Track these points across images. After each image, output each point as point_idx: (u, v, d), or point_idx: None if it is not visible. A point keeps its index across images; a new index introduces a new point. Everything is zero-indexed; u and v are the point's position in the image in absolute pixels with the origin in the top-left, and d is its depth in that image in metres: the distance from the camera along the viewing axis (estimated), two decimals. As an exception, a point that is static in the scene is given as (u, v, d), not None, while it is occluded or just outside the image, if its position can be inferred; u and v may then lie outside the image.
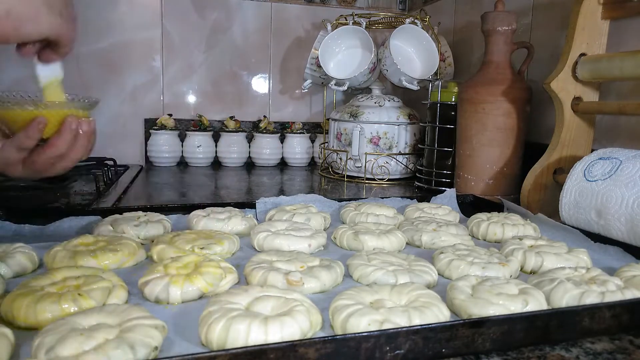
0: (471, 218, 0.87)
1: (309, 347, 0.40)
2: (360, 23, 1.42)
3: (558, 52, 0.99)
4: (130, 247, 0.66)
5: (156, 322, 0.44)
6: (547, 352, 0.46)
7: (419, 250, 0.76)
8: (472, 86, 1.11)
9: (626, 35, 0.95)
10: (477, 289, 0.53)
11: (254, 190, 1.27)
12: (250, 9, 1.70)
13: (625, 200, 0.72)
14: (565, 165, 0.96)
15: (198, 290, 0.54)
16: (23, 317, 0.46)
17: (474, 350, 0.45)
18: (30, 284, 0.51)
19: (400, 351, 0.42)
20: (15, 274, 0.60)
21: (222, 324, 0.43)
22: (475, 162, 1.12)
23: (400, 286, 0.52)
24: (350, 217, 0.89)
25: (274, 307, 0.47)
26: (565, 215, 0.83)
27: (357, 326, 0.45)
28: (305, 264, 0.60)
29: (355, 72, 1.38)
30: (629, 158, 0.76)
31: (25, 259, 0.61)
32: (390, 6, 1.85)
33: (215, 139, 1.65)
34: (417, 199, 1.03)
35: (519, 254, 0.68)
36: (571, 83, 0.95)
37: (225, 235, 0.72)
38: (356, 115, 1.38)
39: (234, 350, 0.38)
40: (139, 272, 0.61)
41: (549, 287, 0.55)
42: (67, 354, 0.38)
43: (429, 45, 1.39)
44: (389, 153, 1.37)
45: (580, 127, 0.97)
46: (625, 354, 0.46)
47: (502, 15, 1.09)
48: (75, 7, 0.49)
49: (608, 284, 0.55)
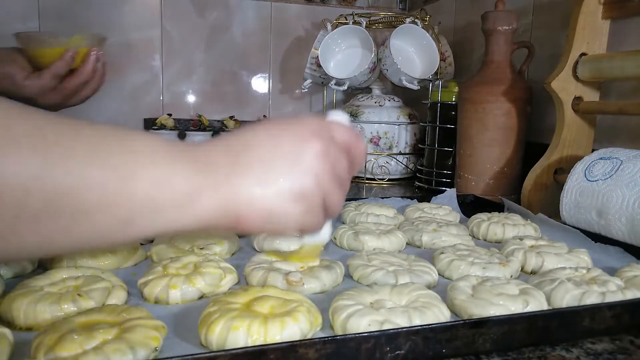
0: (471, 218, 0.87)
1: (309, 348, 0.40)
2: (361, 22, 1.42)
3: (559, 51, 0.99)
4: (129, 248, 0.65)
5: (156, 322, 0.44)
6: (547, 352, 0.46)
7: (419, 250, 0.76)
8: (473, 86, 1.11)
9: (627, 35, 0.95)
10: (477, 289, 0.53)
11: (254, 190, 1.27)
12: (250, 9, 1.70)
13: (626, 200, 0.72)
14: (565, 165, 0.96)
15: (198, 291, 0.54)
16: (22, 317, 0.46)
17: (474, 350, 0.44)
18: (29, 284, 0.51)
19: (400, 351, 0.42)
20: (15, 274, 0.60)
21: (222, 325, 0.43)
22: (475, 161, 1.12)
23: (401, 286, 0.52)
24: (350, 217, 0.88)
25: (273, 308, 0.47)
26: (565, 215, 0.83)
27: (357, 326, 0.44)
28: (305, 264, 0.60)
29: (355, 71, 1.38)
30: (630, 158, 0.76)
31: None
32: (391, 6, 1.85)
33: (215, 138, 1.65)
34: (417, 199, 1.03)
35: (520, 254, 0.67)
36: (572, 83, 0.95)
37: (225, 235, 0.72)
38: (356, 115, 1.37)
39: (234, 351, 0.38)
40: (138, 272, 0.61)
41: (549, 287, 0.54)
42: (66, 355, 0.38)
43: (429, 44, 1.38)
44: (389, 153, 1.37)
45: (580, 127, 0.97)
46: (626, 354, 0.46)
47: (502, 15, 1.09)
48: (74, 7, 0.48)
49: (609, 284, 0.54)
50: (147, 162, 0.32)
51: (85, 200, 0.29)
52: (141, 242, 0.73)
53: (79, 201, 0.28)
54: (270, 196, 0.37)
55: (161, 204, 0.33)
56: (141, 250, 0.68)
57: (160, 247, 0.66)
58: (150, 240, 0.73)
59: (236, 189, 0.36)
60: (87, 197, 0.29)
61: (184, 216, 0.34)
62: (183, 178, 0.34)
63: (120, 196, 0.30)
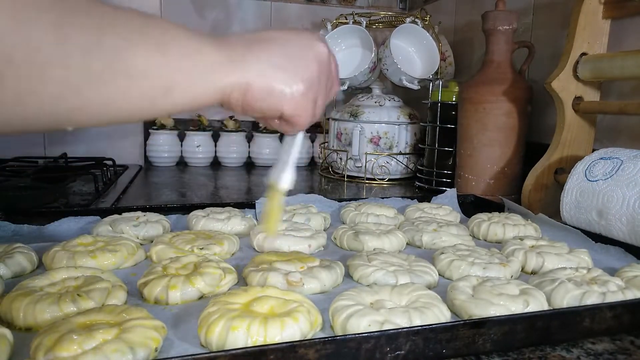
0: (472, 218, 0.87)
1: (309, 348, 0.39)
2: (361, 22, 1.42)
3: (559, 51, 0.99)
4: (129, 248, 0.65)
5: (155, 322, 0.44)
6: (548, 352, 0.46)
7: (419, 250, 0.76)
8: (473, 86, 1.11)
9: (627, 35, 0.95)
10: (477, 289, 0.53)
11: (254, 191, 1.27)
12: (250, 8, 1.70)
13: (627, 201, 0.72)
14: (566, 165, 0.96)
15: (197, 291, 0.54)
16: (22, 317, 0.46)
17: (474, 351, 0.44)
18: (29, 285, 0.51)
19: (400, 352, 0.42)
20: (14, 275, 0.60)
21: (222, 325, 0.43)
22: (476, 161, 1.12)
23: (401, 287, 0.52)
24: (350, 217, 0.88)
25: (273, 308, 0.47)
26: (566, 216, 0.83)
27: (357, 327, 0.44)
28: (305, 265, 0.60)
29: (356, 71, 1.38)
30: (630, 158, 0.76)
31: (24, 259, 0.61)
32: (391, 5, 1.85)
33: (214, 138, 1.65)
34: (417, 199, 1.02)
35: (520, 254, 0.67)
36: (572, 83, 0.95)
37: (224, 235, 0.72)
38: (356, 115, 1.37)
39: (234, 351, 0.38)
40: (138, 272, 0.61)
41: (549, 287, 0.54)
42: (65, 355, 0.38)
43: (429, 44, 1.38)
44: (389, 153, 1.37)
45: (581, 126, 0.97)
46: (626, 354, 0.46)
47: (503, 15, 1.09)
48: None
49: (609, 284, 0.54)
50: (182, 37, 0.38)
51: (135, 65, 0.34)
52: (140, 242, 0.73)
53: (130, 65, 0.34)
54: (277, 73, 0.44)
55: (195, 73, 0.39)
56: (141, 250, 0.68)
57: (160, 247, 0.66)
58: (150, 240, 0.73)
59: (249, 64, 0.42)
60: (136, 64, 0.34)
61: (210, 86, 0.40)
62: (210, 52, 0.40)
63: (161, 66, 0.36)
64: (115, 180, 1.26)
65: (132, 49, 0.34)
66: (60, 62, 0.30)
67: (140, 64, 0.35)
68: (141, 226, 0.75)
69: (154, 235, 0.74)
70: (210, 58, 0.40)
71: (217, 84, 0.41)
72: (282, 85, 0.44)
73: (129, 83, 0.34)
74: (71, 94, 0.32)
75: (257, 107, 0.44)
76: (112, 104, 0.34)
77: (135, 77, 0.34)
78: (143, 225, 0.75)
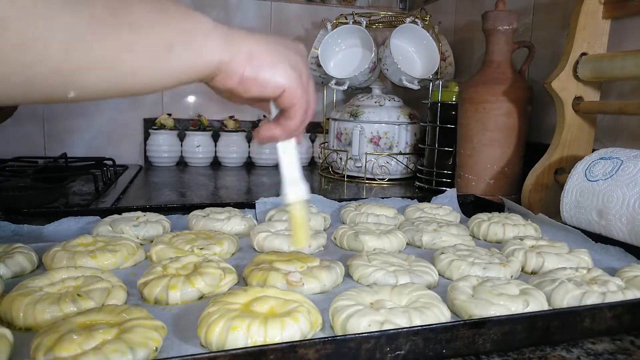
0: (472, 218, 0.87)
1: (309, 348, 0.39)
2: (361, 22, 1.42)
3: (559, 51, 0.99)
4: (129, 248, 0.65)
5: (155, 322, 0.44)
6: (548, 352, 0.46)
7: (419, 250, 0.76)
8: (473, 86, 1.11)
9: (627, 35, 0.95)
10: (477, 289, 0.53)
11: (254, 190, 1.27)
12: (250, 8, 1.69)
13: (627, 201, 0.72)
14: (566, 165, 0.96)
15: (197, 291, 0.54)
16: (22, 317, 0.46)
17: (474, 351, 0.44)
18: (29, 285, 0.51)
19: (400, 352, 0.42)
20: (14, 275, 0.60)
21: (222, 325, 0.43)
22: (476, 162, 1.11)
23: (401, 287, 0.52)
24: (350, 217, 0.88)
25: (273, 308, 0.47)
26: (566, 216, 0.83)
27: (357, 327, 0.44)
28: (305, 265, 0.60)
29: (356, 71, 1.38)
30: (630, 158, 0.76)
31: (24, 259, 0.61)
32: (391, 5, 1.85)
33: (214, 138, 1.65)
34: (417, 199, 1.02)
35: (520, 254, 0.67)
36: (572, 83, 0.95)
37: (224, 235, 0.72)
38: (356, 115, 1.37)
39: (234, 351, 0.38)
40: (138, 272, 0.61)
41: (550, 287, 0.54)
42: (65, 355, 0.38)
43: (429, 44, 1.38)
44: (389, 153, 1.37)
45: (581, 126, 0.96)
46: (626, 354, 0.45)
47: (503, 15, 1.08)
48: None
49: (609, 284, 0.54)
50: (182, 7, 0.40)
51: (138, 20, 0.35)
52: (140, 242, 0.73)
53: (134, 20, 0.35)
54: (277, 50, 0.45)
55: (196, 33, 0.40)
56: (141, 250, 0.68)
57: (160, 247, 0.66)
58: (150, 240, 0.73)
59: (248, 39, 0.44)
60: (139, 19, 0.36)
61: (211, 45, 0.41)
62: (209, 21, 0.41)
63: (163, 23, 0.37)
64: (115, 180, 1.26)
65: (136, 6, 0.35)
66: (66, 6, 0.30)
67: (144, 20, 0.36)
68: (141, 226, 0.75)
69: (154, 235, 0.74)
70: (209, 25, 0.41)
71: (219, 44, 0.41)
72: (284, 64, 0.45)
73: (133, 37, 0.35)
74: (77, 43, 0.32)
75: (261, 77, 0.44)
76: (117, 59, 0.34)
77: (138, 30, 0.35)
78: (143, 225, 0.75)
